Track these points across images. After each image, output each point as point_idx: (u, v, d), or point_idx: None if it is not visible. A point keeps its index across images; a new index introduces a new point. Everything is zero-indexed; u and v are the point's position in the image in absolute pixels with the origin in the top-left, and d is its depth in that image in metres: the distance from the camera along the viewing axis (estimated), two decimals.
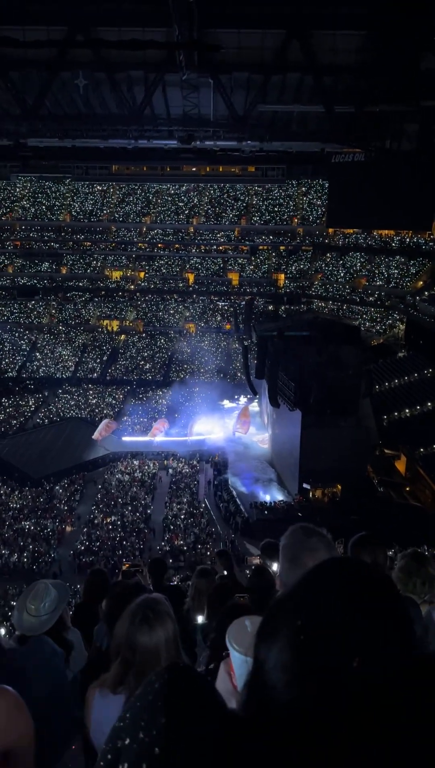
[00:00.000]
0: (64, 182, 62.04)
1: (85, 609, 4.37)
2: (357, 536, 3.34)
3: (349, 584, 0.77)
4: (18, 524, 28.40)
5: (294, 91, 27.15)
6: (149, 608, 2.00)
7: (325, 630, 0.72)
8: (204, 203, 60.98)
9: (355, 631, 0.71)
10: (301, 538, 2.07)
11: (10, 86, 26.25)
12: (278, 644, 0.75)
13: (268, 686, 0.74)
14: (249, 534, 27.25)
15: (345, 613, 0.73)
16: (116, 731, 0.80)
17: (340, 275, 54.16)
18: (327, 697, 0.68)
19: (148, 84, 26.63)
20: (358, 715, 0.66)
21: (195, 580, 4.63)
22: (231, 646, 1.43)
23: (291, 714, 0.70)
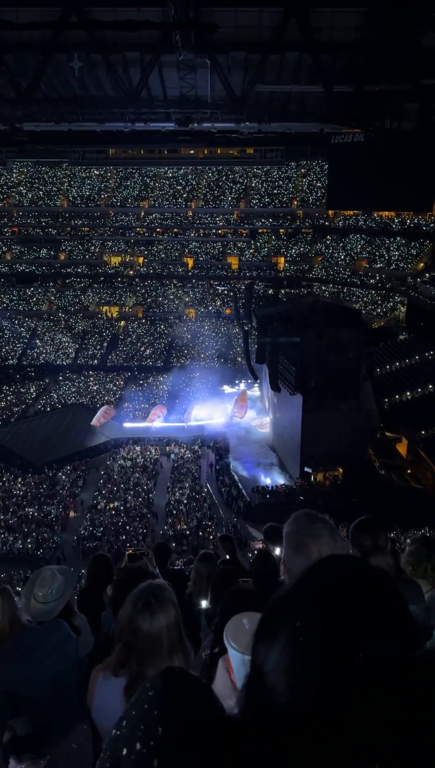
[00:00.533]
0: (61, 167, 61.43)
1: (89, 594, 4.41)
2: (358, 520, 3.35)
3: (348, 583, 0.76)
4: (21, 511, 28.60)
5: (292, 71, 26.76)
6: (151, 594, 2.03)
7: (325, 631, 0.70)
8: (202, 186, 60.44)
9: (356, 632, 0.70)
10: (305, 524, 2.08)
11: (4, 69, 25.87)
12: (277, 646, 0.74)
13: (268, 688, 0.73)
14: (251, 518, 27.45)
15: (345, 613, 0.72)
16: (114, 740, 0.79)
17: (341, 258, 53.84)
18: (328, 699, 0.67)
19: (144, 65, 26.25)
20: (360, 716, 0.65)
21: (196, 564, 4.67)
22: (229, 645, 1.43)
23: (291, 716, 0.69)
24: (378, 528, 3.31)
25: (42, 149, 58.25)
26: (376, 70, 26.04)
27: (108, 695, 2.05)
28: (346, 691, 0.67)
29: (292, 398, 29.94)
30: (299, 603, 0.76)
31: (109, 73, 26.41)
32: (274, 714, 0.71)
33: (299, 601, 0.76)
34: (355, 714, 0.66)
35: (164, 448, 35.56)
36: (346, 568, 0.79)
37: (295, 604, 0.76)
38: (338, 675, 0.67)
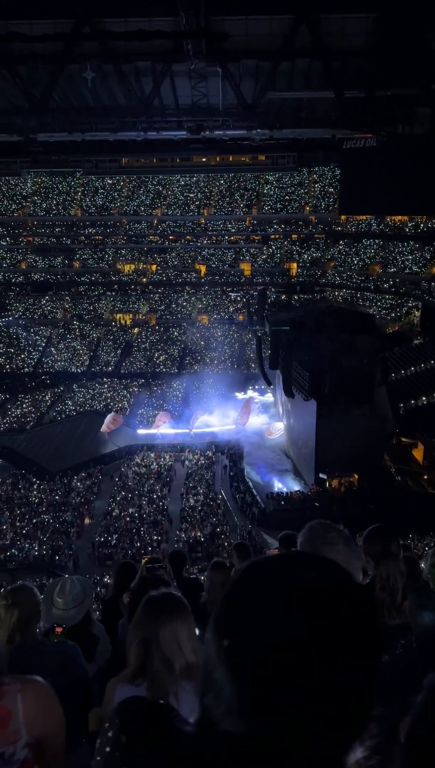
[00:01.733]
0: (75, 176, 62.09)
1: (114, 602, 4.41)
2: (369, 528, 3.36)
3: (278, 590, 0.67)
4: (37, 518, 28.74)
5: (303, 77, 26.86)
6: (162, 603, 2.03)
7: (253, 652, 0.63)
8: (214, 194, 60.69)
9: (285, 654, 0.62)
10: (320, 533, 2.07)
11: (18, 81, 26.28)
12: (212, 666, 0.68)
13: (207, 705, 0.69)
14: (266, 524, 27.31)
15: (273, 628, 0.64)
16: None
17: (354, 263, 53.65)
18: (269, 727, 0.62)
19: (156, 74, 26.51)
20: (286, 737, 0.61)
21: (209, 573, 4.64)
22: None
23: (229, 733, 0.65)
24: (389, 535, 3.32)
25: (56, 159, 58.95)
26: (386, 75, 26.03)
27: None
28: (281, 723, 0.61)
29: (306, 404, 29.81)
30: (226, 618, 0.69)
31: (121, 82, 26.71)
32: (217, 730, 0.67)
33: (226, 616, 0.69)
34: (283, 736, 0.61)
35: (178, 455, 35.58)
36: (274, 570, 0.70)
37: (222, 620, 0.69)
38: (277, 705, 0.62)
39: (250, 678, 0.63)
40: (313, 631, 0.63)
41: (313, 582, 0.68)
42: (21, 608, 2.62)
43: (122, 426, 39.04)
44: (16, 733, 1.45)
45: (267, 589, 0.68)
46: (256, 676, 0.63)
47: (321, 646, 0.62)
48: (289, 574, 0.69)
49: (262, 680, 0.62)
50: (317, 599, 0.66)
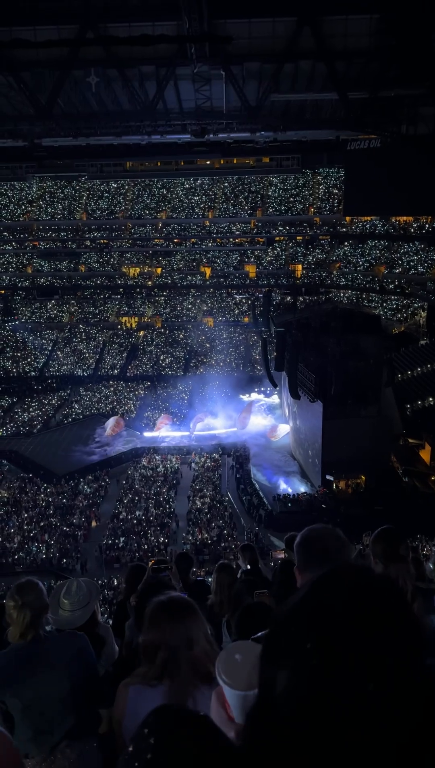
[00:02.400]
0: (80, 181, 62.36)
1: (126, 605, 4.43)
2: (378, 530, 3.34)
3: (358, 597, 0.71)
4: (45, 521, 28.83)
5: (307, 79, 26.86)
6: (170, 606, 2.04)
7: (339, 652, 0.66)
8: (219, 196, 60.78)
9: (371, 650, 0.66)
10: (316, 536, 2.09)
11: (23, 87, 26.42)
12: (287, 669, 0.70)
13: (278, 714, 0.69)
14: (273, 526, 27.28)
15: (359, 631, 0.67)
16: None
17: (359, 264, 53.57)
18: (344, 725, 0.64)
19: (159, 78, 26.59)
20: (374, 743, 0.63)
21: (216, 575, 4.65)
22: (222, 680, 1.37)
23: (304, 744, 0.65)
24: (397, 537, 3.30)
25: (61, 164, 59.25)
26: (390, 76, 26.01)
27: (144, 707, 2.04)
28: (363, 720, 0.64)
29: (312, 405, 29.75)
30: (309, 621, 0.71)
31: (125, 87, 26.82)
32: (282, 741, 0.67)
33: (309, 618, 0.71)
34: (369, 740, 0.63)
35: (185, 458, 35.61)
36: (352, 580, 0.74)
37: (304, 622, 0.71)
38: (355, 701, 0.64)
39: (330, 675, 0.66)
40: (381, 634, 0.68)
41: (374, 589, 0.73)
42: (31, 607, 2.64)
43: (128, 429, 39.21)
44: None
45: (342, 596, 0.72)
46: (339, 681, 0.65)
47: (386, 645, 0.67)
48: (356, 583, 0.74)
49: (338, 675, 0.65)
50: (380, 604, 0.71)
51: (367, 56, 25.38)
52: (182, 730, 0.79)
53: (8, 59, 25.25)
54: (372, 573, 0.77)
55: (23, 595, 2.66)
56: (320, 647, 0.68)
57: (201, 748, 0.77)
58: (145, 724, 0.80)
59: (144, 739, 0.78)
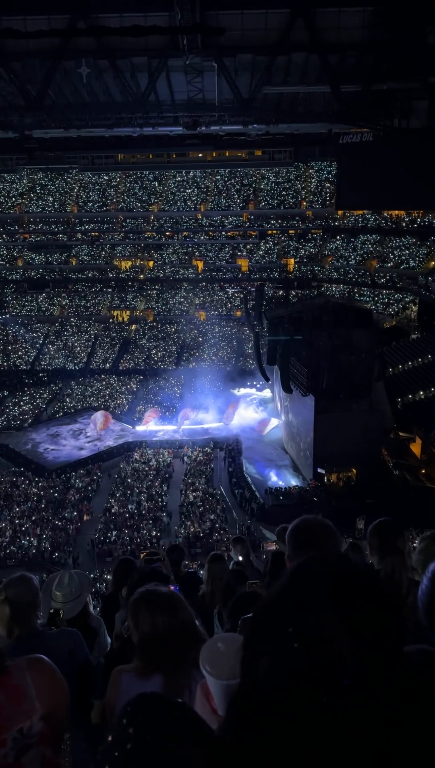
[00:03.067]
0: (71, 173, 61.88)
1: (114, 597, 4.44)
2: (376, 522, 3.33)
3: (337, 583, 0.73)
4: (36, 514, 28.78)
5: (299, 72, 26.76)
6: (153, 597, 2.05)
7: (319, 636, 0.68)
8: (211, 189, 60.55)
9: (350, 635, 0.67)
10: (307, 525, 2.10)
11: (13, 77, 26.14)
12: (269, 654, 0.71)
13: (259, 700, 0.70)
14: (264, 519, 27.39)
15: (338, 616, 0.69)
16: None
17: (351, 258, 53.63)
18: (324, 709, 0.65)
19: (151, 70, 26.40)
20: (357, 728, 0.64)
21: (208, 566, 4.66)
22: (205, 671, 1.38)
23: (285, 729, 0.67)
24: (394, 529, 3.29)
25: (51, 156, 58.73)
26: (383, 69, 25.96)
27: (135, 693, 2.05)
28: (343, 703, 0.65)
29: (304, 399, 29.85)
30: (289, 607, 0.73)
31: (116, 78, 26.60)
32: (266, 726, 0.68)
33: (289, 605, 0.73)
34: (353, 727, 0.64)
35: (178, 451, 35.63)
36: (331, 567, 0.76)
37: (285, 609, 0.73)
38: (335, 683, 0.65)
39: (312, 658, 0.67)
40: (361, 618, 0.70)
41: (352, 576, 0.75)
42: (14, 601, 2.58)
43: (116, 422, 39.23)
44: (31, 708, 1.54)
45: (322, 583, 0.74)
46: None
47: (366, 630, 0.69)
48: (335, 570, 0.76)
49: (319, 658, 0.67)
50: (359, 590, 0.73)
51: (361, 49, 25.29)
52: (161, 719, 0.79)
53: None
54: (347, 559, 0.78)
55: (8, 589, 2.62)
56: (300, 631, 0.69)
57: (181, 737, 0.77)
58: (123, 713, 0.80)
59: (123, 729, 0.78)
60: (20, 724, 1.52)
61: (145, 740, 0.76)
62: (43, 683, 1.59)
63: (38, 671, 1.61)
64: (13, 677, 1.55)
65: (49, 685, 1.61)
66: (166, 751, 0.75)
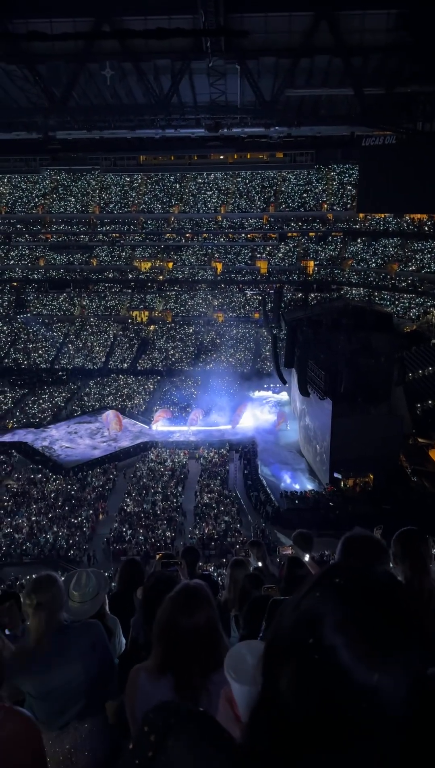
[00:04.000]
0: (93, 174, 62.39)
1: (120, 598, 4.45)
2: (399, 531, 3.25)
3: (360, 594, 0.71)
4: (53, 512, 29.04)
5: (322, 74, 26.69)
6: (190, 593, 2.05)
7: (340, 647, 0.67)
8: (232, 191, 60.59)
9: (372, 646, 0.67)
10: (359, 541, 2.11)
11: (38, 79, 26.47)
12: (290, 664, 0.70)
13: (281, 710, 0.69)
14: (280, 523, 27.27)
15: (360, 627, 0.68)
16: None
17: (372, 261, 53.23)
18: (347, 720, 0.64)
19: (174, 72, 26.54)
20: (379, 741, 0.63)
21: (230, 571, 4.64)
22: (230, 677, 1.37)
23: (307, 740, 0.66)
24: (418, 537, 3.20)
25: (74, 157, 59.26)
26: (407, 72, 25.77)
27: (155, 695, 2.06)
28: (367, 715, 0.64)
29: (321, 403, 29.67)
30: (310, 617, 0.71)
31: (140, 80, 26.80)
32: (287, 736, 0.68)
33: (310, 614, 0.72)
34: (371, 735, 0.64)
35: (193, 452, 35.69)
36: (354, 578, 0.75)
37: (305, 618, 0.72)
38: (357, 696, 0.64)
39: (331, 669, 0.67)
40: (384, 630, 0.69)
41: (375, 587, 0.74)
42: (47, 607, 2.58)
43: (137, 423, 39.42)
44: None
45: (344, 593, 0.72)
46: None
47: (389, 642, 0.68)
48: (357, 581, 0.74)
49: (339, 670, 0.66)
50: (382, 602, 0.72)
51: (384, 52, 25.15)
52: (183, 728, 0.79)
53: (24, 51, 25.31)
54: (372, 571, 0.77)
55: (38, 594, 2.60)
56: (320, 642, 0.68)
57: (202, 746, 0.77)
58: (145, 721, 0.80)
59: (145, 737, 0.78)
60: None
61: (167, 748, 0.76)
62: (9, 742, 1.45)
63: (8, 727, 1.47)
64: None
65: (14, 745, 1.47)
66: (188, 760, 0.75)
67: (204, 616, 2.01)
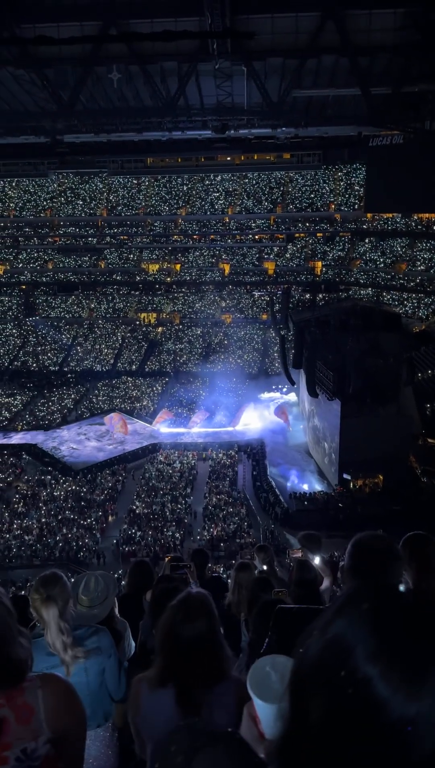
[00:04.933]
0: (100, 177, 62.62)
1: (130, 600, 4.44)
2: (407, 536, 3.18)
3: (391, 621, 0.69)
4: (62, 514, 29.12)
5: (329, 75, 26.65)
6: (191, 604, 2.03)
7: (376, 678, 0.65)
8: (239, 193, 60.60)
9: (411, 675, 0.65)
10: (370, 546, 2.08)
11: (46, 83, 26.62)
12: (321, 696, 0.68)
13: (311, 740, 0.68)
14: (289, 524, 27.20)
15: (396, 655, 0.66)
16: None
17: (380, 261, 53.01)
18: (378, 752, 0.63)
19: (181, 75, 26.59)
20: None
21: (235, 574, 4.62)
22: (254, 695, 1.36)
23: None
24: (428, 542, 3.09)
25: (82, 160, 59.49)
26: (414, 71, 25.67)
27: (156, 706, 2.04)
28: (392, 741, 0.63)
29: (330, 404, 29.57)
30: (342, 645, 0.69)
31: (147, 83, 26.87)
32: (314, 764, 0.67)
33: (341, 643, 0.69)
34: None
35: (202, 454, 35.69)
36: (382, 603, 0.72)
37: (337, 647, 0.69)
38: (393, 729, 0.63)
39: (367, 701, 0.66)
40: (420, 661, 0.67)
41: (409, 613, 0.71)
42: (58, 600, 2.56)
43: (147, 425, 39.48)
44: (38, 729, 1.45)
45: (378, 618, 0.70)
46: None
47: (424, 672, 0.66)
48: (390, 604, 0.72)
49: (373, 701, 0.65)
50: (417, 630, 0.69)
51: (391, 51, 25.07)
52: (212, 748, 0.77)
53: (32, 56, 25.46)
54: (399, 593, 0.74)
55: (47, 588, 2.58)
56: (355, 674, 0.67)
57: (229, 765, 0.76)
58: (172, 741, 0.79)
59: (172, 757, 0.77)
60: (25, 744, 1.43)
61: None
62: (53, 704, 1.49)
63: (51, 691, 1.50)
64: (24, 694, 1.46)
65: (59, 707, 1.50)
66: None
67: (205, 625, 1.99)
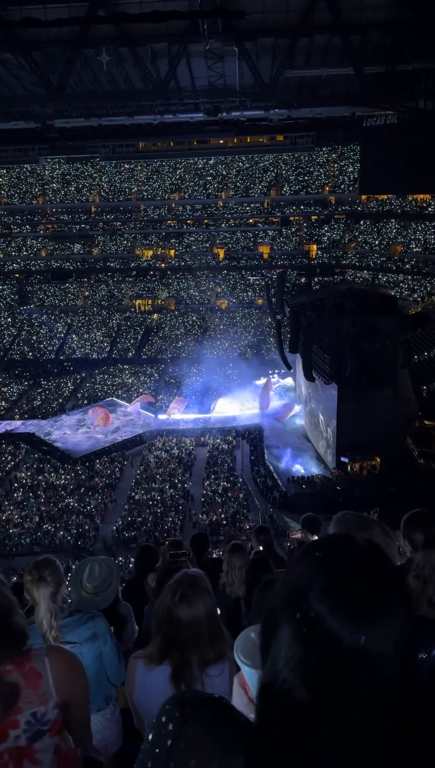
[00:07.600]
0: (92, 162, 61.93)
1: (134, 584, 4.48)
2: (410, 513, 3.23)
3: (339, 563, 0.73)
4: (62, 502, 29.25)
5: (322, 54, 26.25)
6: (188, 584, 2.06)
7: (326, 614, 0.69)
8: (232, 176, 60.06)
9: (355, 609, 0.68)
10: (354, 521, 2.08)
11: (33, 67, 26.15)
12: (283, 637, 0.72)
13: (283, 688, 0.71)
14: (287, 508, 27.40)
15: (342, 592, 0.70)
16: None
17: (375, 243, 52.79)
18: (345, 687, 0.66)
19: (171, 56, 26.16)
20: (373, 719, 0.65)
21: (228, 555, 4.66)
22: (239, 660, 1.38)
23: (307, 711, 0.68)
24: (429, 520, 3.17)
25: (73, 145, 58.75)
26: (407, 49, 25.32)
27: (151, 683, 2.09)
28: (361, 686, 0.66)
29: (326, 388, 29.63)
30: (296, 591, 0.73)
31: (136, 65, 26.42)
32: (293, 714, 0.69)
33: (295, 589, 0.73)
34: (369, 710, 0.65)
35: (200, 439, 35.79)
36: (337, 549, 0.76)
37: (292, 593, 0.74)
38: (348, 668, 0.66)
39: (321, 641, 0.68)
40: (373, 603, 0.69)
41: (362, 557, 0.74)
42: (51, 581, 2.57)
43: (142, 412, 39.55)
44: (46, 694, 1.51)
45: (330, 566, 0.73)
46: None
47: (378, 614, 0.69)
48: (339, 552, 0.75)
49: (328, 642, 0.67)
50: (369, 572, 0.73)
51: (384, 29, 24.68)
52: (200, 715, 0.81)
53: (19, 39, 24.99)
54: (351, 539, 0.77)
55: (40, 570, 2.60)
56: (308, 612, 0.70)
57: (218, 728, 0.79)
58: (162, 712, 0.82)
59: (163, 727, 0.80)
60: (34, 708, 1.49)
61: (185, 736, 0.77)
62: (60, 671, 1.56)
63: (57, 659, 1.58)
64: (32, 660, 1.53)
65: (65, 673, 1.57)
66: (207, 745, 0.76)
67: (202, 605, 2.02)
